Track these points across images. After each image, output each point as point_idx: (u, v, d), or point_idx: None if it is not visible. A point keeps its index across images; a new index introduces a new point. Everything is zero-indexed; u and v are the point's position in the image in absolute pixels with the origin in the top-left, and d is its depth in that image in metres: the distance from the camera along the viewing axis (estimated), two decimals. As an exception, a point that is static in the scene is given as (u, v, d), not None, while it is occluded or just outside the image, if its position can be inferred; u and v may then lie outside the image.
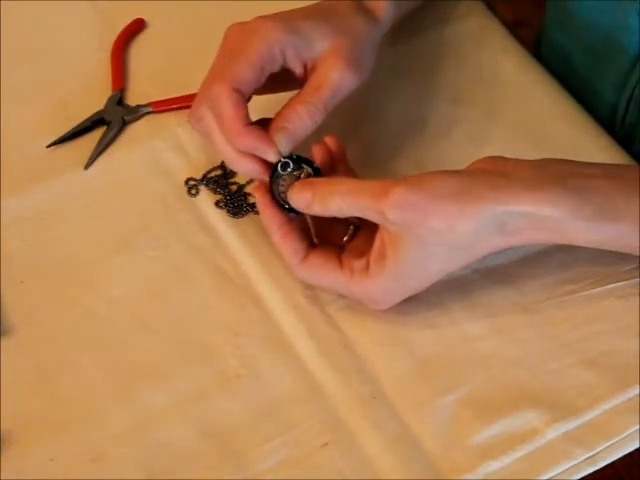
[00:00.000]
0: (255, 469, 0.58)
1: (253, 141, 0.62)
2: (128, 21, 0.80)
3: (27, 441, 0.60)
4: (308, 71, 0.66)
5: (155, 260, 0.68)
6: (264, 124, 0.64)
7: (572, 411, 0.60)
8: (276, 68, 0.65)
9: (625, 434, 0.59)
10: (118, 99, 0.76)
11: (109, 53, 0.79)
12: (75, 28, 0.81)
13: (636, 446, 0.59)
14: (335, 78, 0.64)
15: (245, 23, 0.65)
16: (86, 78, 0.78)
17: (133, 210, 0.70)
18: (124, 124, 0.75)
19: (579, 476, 0.58)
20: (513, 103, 0.75)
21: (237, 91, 0.62)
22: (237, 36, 0.65)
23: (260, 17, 0.65)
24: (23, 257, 0.68)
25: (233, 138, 0.63)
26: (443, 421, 0.60)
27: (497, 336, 0.63)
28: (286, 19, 0.65)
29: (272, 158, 0.63)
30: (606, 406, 0.60)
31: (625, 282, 0.65)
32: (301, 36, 0.65)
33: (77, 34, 0.81)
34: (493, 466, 0.58)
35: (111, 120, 0.74)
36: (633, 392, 0.60)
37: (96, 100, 0.75)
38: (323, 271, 0.63)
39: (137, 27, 0.81)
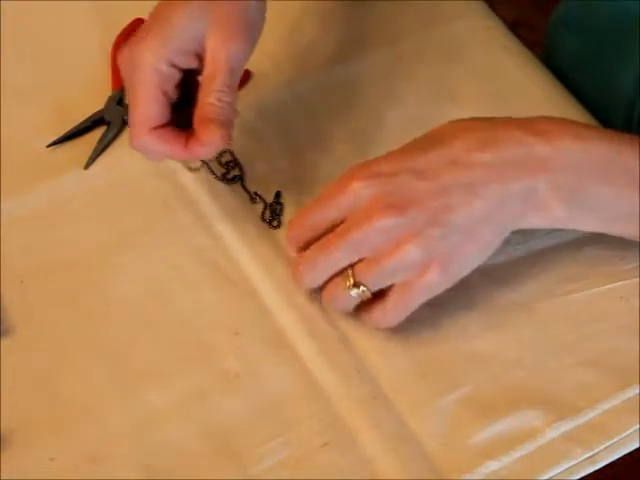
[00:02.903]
0: (255, 469, 0.59)
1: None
2: (128, 21, 0.80)
3: (27, 441, 0.60)
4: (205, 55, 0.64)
5: (155, 260, 0.68)
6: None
7: (572, 411, 0.60)
8: (177, 78, 0.64)
9: (625, 434, 0.59)
10: (118, 99, 0.75)
11: (109, 53, 0.78)
12: (75, 28, 0.81)
13: (636, 446, 0.59)
14: (223, 59, 0.62)
15: (130, 57, 0.64)
16: (86, 78, 0.78)
17: (133, 210, 0.70)
18: (124, 124, 0.74)
19: (579, 476, 0.58)
20: (514, 103, 0.75)
21: (156, 128, 0.63)
22: (127, 75, 0.64)
23: (136, 43, 0.64)
24: (23, 257, 0.68)
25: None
26: (443, 421, 0.60)
27: (497, 336, 0.63)
28: (159, 29, 0.64)
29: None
30: (606, 406, 0.60)
31: (625, 282, 0.65)
32: (177, 36, 0.63)
33: (77, 34, 0.80)
34: (493, 466, 0.58)
35: (111, 120, 0.74)
36: (633, 392, 0.60)
37: (96, 100, 0.75)
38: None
39: (137, 27, 0.80)
